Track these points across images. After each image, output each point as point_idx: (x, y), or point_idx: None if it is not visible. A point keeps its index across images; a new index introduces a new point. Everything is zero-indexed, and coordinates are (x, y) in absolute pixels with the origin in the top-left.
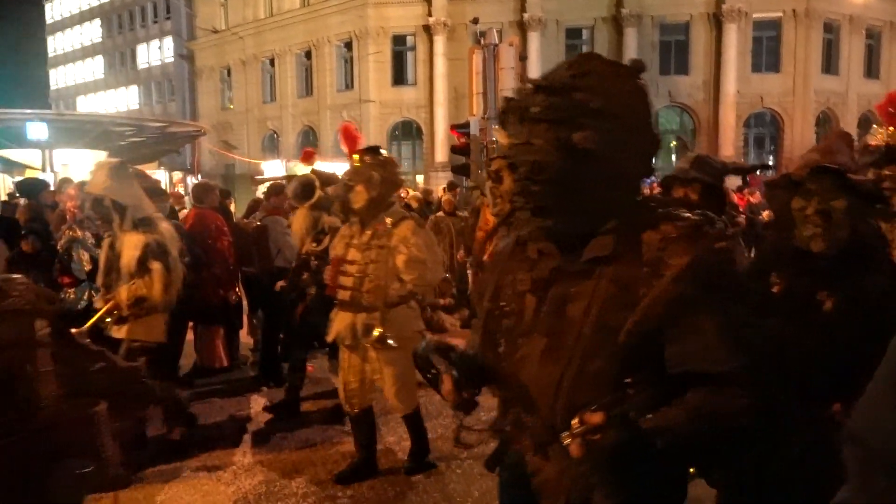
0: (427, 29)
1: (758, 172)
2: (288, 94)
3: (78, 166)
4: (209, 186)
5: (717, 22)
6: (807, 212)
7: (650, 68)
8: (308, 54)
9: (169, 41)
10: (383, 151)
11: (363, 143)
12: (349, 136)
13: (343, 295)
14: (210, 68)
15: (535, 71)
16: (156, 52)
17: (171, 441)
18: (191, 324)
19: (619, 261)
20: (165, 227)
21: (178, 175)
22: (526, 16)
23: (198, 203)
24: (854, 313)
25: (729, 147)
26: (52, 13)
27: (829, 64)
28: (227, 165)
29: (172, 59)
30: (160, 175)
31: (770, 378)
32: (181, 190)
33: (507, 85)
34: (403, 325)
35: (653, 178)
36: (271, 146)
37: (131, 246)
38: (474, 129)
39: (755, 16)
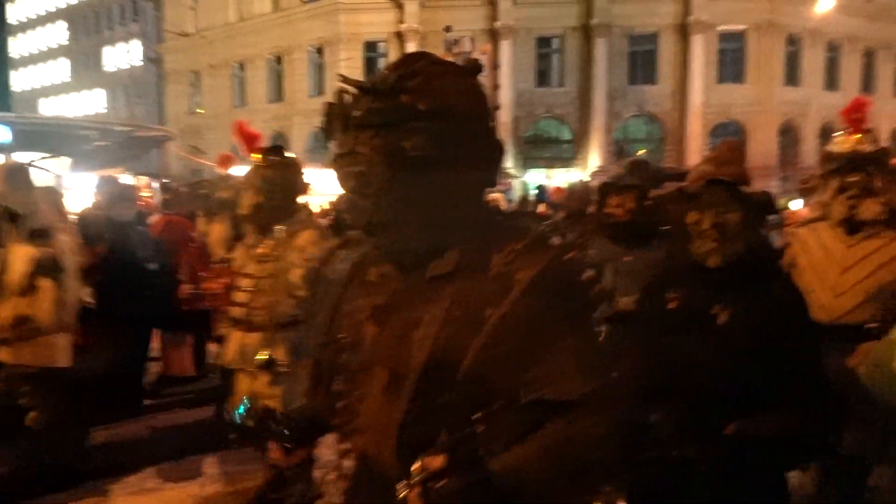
0: (399, 36)
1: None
2: (258, 100)
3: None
4: (180, 192)
5: (684, 33)
6: (702, 226)
7: (619, 77)
8: (279, 59)
9: (136, 44)
10: (290, 154)
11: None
12: (245, 135)
13: (235, 312)
14: (179, 72)
15: (505, 78)
16: (123, 55)
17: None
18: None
19: (463, 279)
20: (64, 240)
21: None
22: (498, 24)
23: (167, 209)
24: (748, 326)
25: (695, 156)
26: (14, 14)
27: (792, 75)
28: (195, 171)
29: (140, 63)
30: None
31: (630, 399)
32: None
33: None
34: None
35: None
36: (242, 152)
37: (20, 259)
38: None
39: (720, 28)
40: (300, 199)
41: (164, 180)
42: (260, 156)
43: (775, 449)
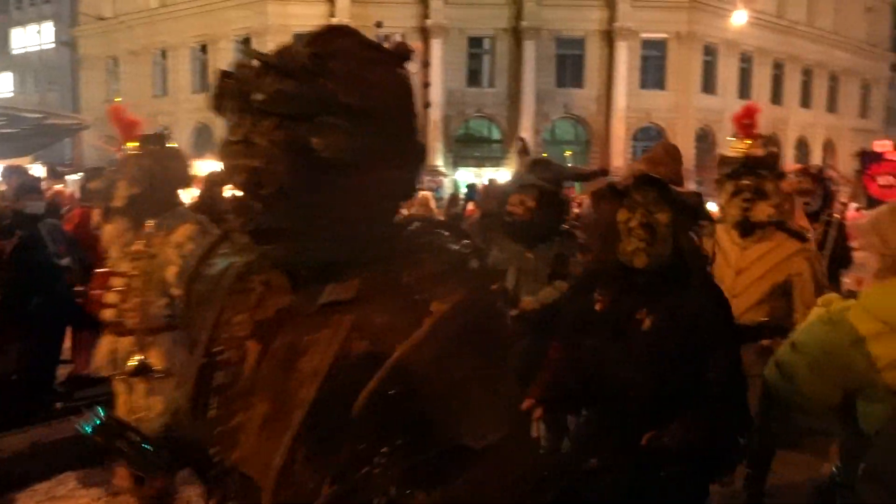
0: None
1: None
2: (181, 89)
3: None
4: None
5: (609, 39)
6: (631, 224)
7: (548, 80)
8: (204, 48)
9: (49, 26)
10: (173, 144)
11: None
12: (122, 122)
13: (107, 314)
14: (95, 58)
15: (436, 76)
16: (33, 37)
17: None
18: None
19: (366, 305)
20: None
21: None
22: (429, 22)
23: (85, 202)
24: (671, 333)
25: (619, 158)
26: None
27: (708, 84)
28: (112, 161)
29: (52, 46)
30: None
31: (528, 445)
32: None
33: None
34: (174, 353)
35: None
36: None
37: None
38: None
39: (643, 35)
40: (184, 193)
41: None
42: (136, 144)
43: (691, 459)
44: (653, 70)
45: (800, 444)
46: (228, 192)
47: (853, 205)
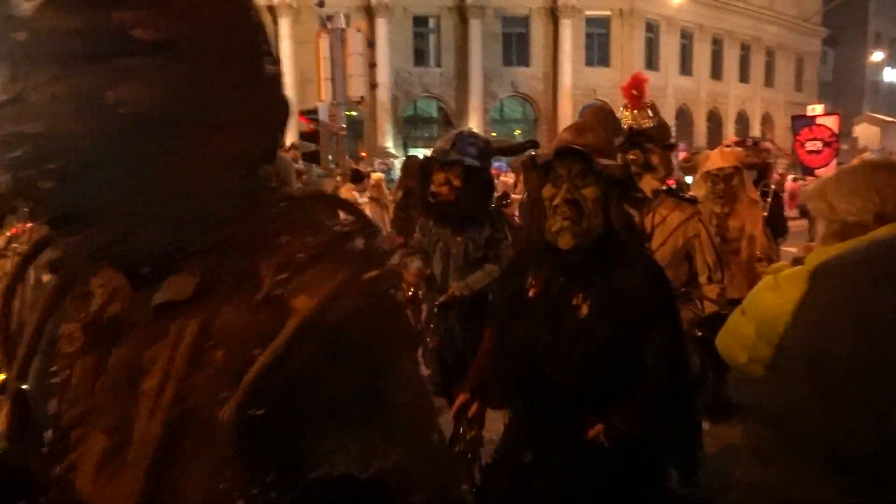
0: (271, 10)
1: (532, 151)
2: None
3: None
4: None
5: (553, 17)
6: (555, 202)
7: (494, 58)
8: None
9: None
10: None
11: None
12: None
13: None
14: None
15: (382, 56)
16: None
17: None
18: None
19: (213, 305)
20: None
21: None
22: (373, 1)
23: None
24: (607, 317)
25: None
26: None
27: (651, 60)
28: None
29: None
30: None
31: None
32: None
33: (356, 71)
34: None
35: (503, 163)
36: None
37: None
38: (323, 116)
39: (587, 13)
40: None
41: None
42: None
43: (639, 449)
44: (597, 47)
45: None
46: None
47: (790, 176)
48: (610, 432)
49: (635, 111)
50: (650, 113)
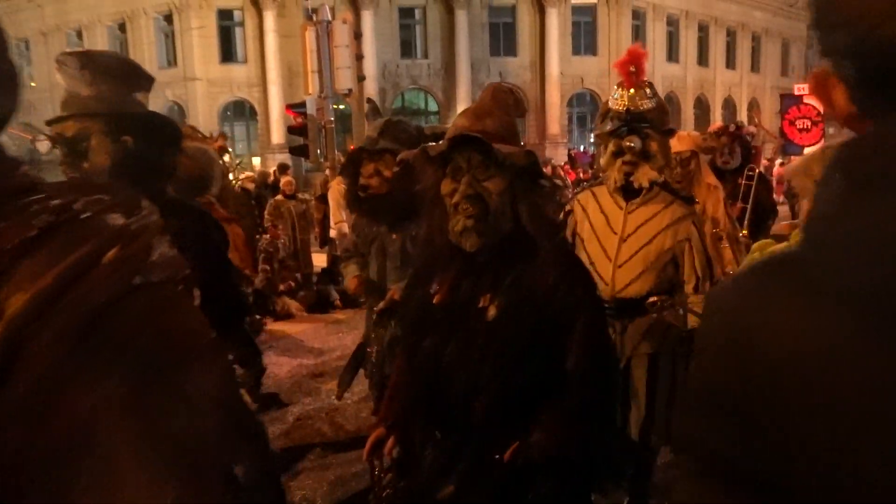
0: (255, 3)
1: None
2: None
3: None
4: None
5: (539, 5)
6: (455, 198)
7: (481, 49)
8: (122, 27)
9: None
10: None
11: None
12: None
13: None
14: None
15: (369, 49)
16: None
17: None
18: None
19: None
20: None
21: None
22: None
23: None
24: (520, 318)
25: (555, 125)
26: None
27: None
28: (32, 150)
29: None
30: None
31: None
32: None
33: (343, 63)
34: None
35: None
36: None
37: None
38: (311, 109)
39: (573, 1)
40: None
41: None
42: None
43: (565, 470)
44: (584, 36)
45: None
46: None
47: (779, 160)
48: (526, 452)
49: (632, 91)
50: (649, 93)
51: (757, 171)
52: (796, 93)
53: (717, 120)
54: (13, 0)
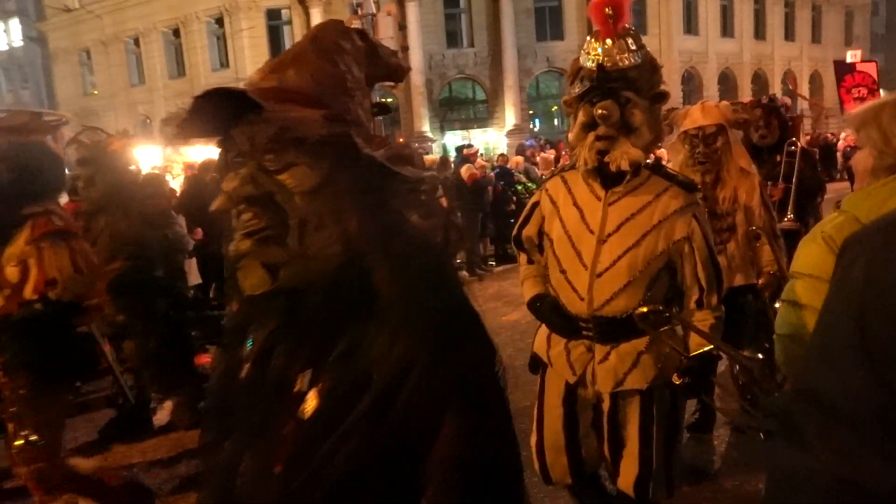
0: (302, 2)
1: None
2: (157, 76)
3: None
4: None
5: None
6: (229, 203)
7: (527, 35)
8: (176, 32)
9: (15, 23)
10: None
11: None
12: None
13: None
14: (65, 51)
15: (414, 41)
16: (1, 36)
17: None
18: None
19: None
20: None
21: None
22: None
23: (74, 196)
24: (345, 411)
25: None
26: None
27: (690, 25)
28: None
29: (21, 43)
30: None
31: None
32: None
33: None
34: None
35: (532, 140)
36: (145, 132)
37: None
38: None
39: None
40: None
41: None
42: None
43: None
44: (634, 15)
45: None
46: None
47: (844, 133)
48: None
49: (608, 42)
50: (631, 44)
51: (799, 145)
52: (849, 60)
53: (778, 95)
54: (74, 13)
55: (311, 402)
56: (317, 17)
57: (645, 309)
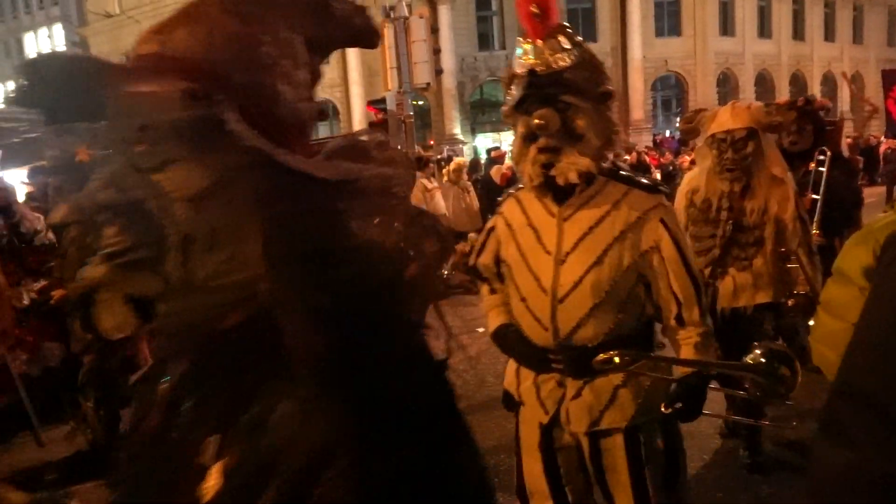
0: None
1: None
2: None
3: None
4: None
5: None
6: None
7: None
8: None
9: (58, 28)
10: None
11: None
12: None
13: None
14: (106, 55)
15: (446, 43)
16: (45, 41)
17: None
18: None
19: None
20: None
21: None
22: None
23: None
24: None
25: (638, 110)
26: None
27: (726, 26)
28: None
29: (63, 48)
30: None
31: None
32: None
33: (420, 58)
34: None
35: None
36: None
37: None
38: (391, 105)
39: None
40: None
41: None
42: None
43: None
44: (667, 16)
45: None
46: None
47: (882, 139)
48: None
49: (539, 43)
50: (564, 43)
51: (829, 153)
52: None
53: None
54: (115, 18)
55: (212, 481)
56: None
57: (602, 356)
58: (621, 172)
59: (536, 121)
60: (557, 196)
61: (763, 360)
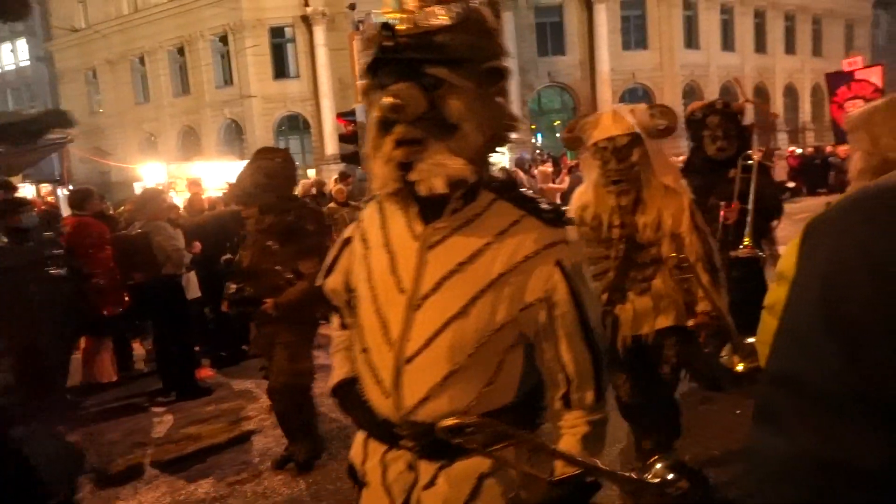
0: (306, 19)
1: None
2: (163, 94)
3: None
4: (87, 192)
5: (587, 2)
6: None
7: (529, 49)
8: (181, 50)
9: (23, 43)
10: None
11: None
12: None
13: None
14: (73, 70)
15: None
16: (9, 56)
17: None
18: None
19: None
20: None
21: (46, 187)
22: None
23: (77, 210)
24: None
25: None
26: None
27: (691, 39)
28: (102, 173)
29: (28, 63)
30: (28, 189)
31: None
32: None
33: None
34: None
35: (526, 153)
36: (150, 149)
37: None
38: (361, 116)
39: None
40: None
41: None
42: None
43: None
44: (634, 30)
45: None
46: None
47: (843, 148)
48: None
49: (403, 13)
50: (441, 12)
51: (755, 160)
52: (846, 69)
53: (778, 109)
54: (82, 32)
55: None
56: (320, 35)
57: (451, 421)
58: (520, 190)
59: (389, 99)
60: (425, 211)
61: (659, 478)
